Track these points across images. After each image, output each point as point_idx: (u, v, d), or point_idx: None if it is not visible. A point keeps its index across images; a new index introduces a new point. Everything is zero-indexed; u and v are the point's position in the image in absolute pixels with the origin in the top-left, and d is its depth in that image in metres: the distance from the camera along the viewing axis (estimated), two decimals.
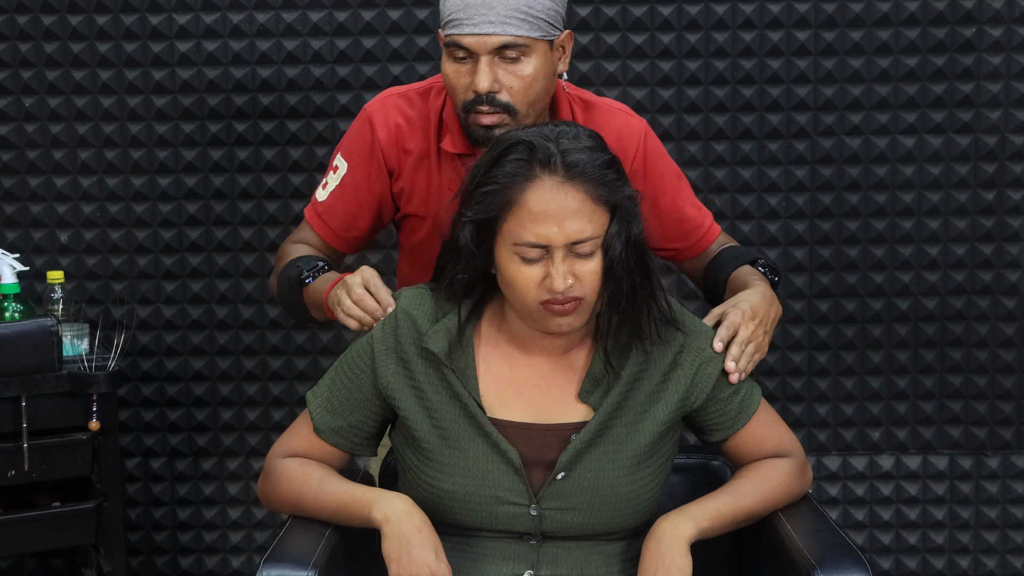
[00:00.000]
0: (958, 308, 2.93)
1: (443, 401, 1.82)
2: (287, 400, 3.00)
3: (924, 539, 3.00)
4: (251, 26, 2.88)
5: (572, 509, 1.80)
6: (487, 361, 1.84)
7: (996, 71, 2.86)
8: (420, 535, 1.75)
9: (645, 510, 1.85)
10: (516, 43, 1.96)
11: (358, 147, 2.16)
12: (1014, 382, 2.96)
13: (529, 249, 1.72)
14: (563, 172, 1.72)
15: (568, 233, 1.71)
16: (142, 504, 3.03)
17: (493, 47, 1.96)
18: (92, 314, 2.92)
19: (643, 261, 1.78)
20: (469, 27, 1.96)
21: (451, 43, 1.99)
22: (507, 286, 1.78)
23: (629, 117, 2.16)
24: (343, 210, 2.18)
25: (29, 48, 2.88)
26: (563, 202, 1.72)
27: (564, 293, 1.72)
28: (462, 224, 1.77)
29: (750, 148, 2.90)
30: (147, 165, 2.93)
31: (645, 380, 1.83)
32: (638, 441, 1.81)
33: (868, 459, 2.99)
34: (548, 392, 1.84)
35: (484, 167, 1.77)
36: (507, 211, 1.73)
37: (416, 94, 2.16)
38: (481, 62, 1.97)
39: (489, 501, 1.80)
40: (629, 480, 1.81)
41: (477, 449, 1.80)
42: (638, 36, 2.86)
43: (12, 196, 2.93)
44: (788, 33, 2.86)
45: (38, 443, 2.49)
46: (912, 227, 2.91)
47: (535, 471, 1.81)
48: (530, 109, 2.01)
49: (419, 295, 1.87)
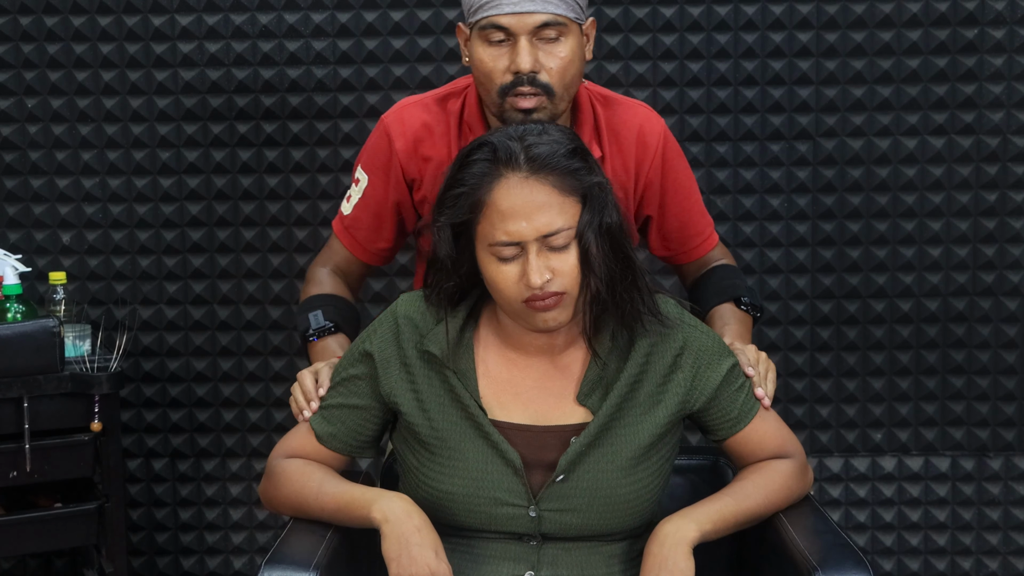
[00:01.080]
0: (960, 309, 2.93)
1: (444, 403, 1.82)
2: (288, 402, 2.99)
3: (926, 541, 3.00)
4: (253, 27, 2.88)
5: (571, 511, 1.80)
6: (485, 363, 1.84)
7: (998, 72, 2.86)
8: (420, 534, 1.75)
9: (644, 511, 1.84)
10: (556, 21, 1.95)
11: (376, 159, 2.16)
12: (1016, 383, 2.96)
13: (503, 248, 1.73)
14: (527, 167, 1.73)
15: (538, 227, 1.72)
16: (144, 505, 3.03)
17: (533, 26, 1.95)
18: (94, 315, 2.92)
19: (621, 249, 1.77)
20: (509, 6, 1.94)
21: (488, 25, 1.96)
22: (491, 287, 1.78)
23: (651, 113, 2.16)
24: (367, 223, 2.19)
25: (32, 49, 2.88)
26: (529, 196, 1.72)
27: (543, 288, 1.73)
28: (438, 230, 1.78)
29: (752, 149, 2.90)
30: (149, 166, 2.93)
31: (645, 382, 1.83)
32: (636, 443, 1.81)
33: (870, 460, 2.99)
34: (547, 394, 1.84)
35: (451, 171, 1.78)
36: (478, 212, 1.74)
37: (433, 100, 2.15)
38: (521, 41, 1.95)
39: (488, 502, 1.80)
40: (627, 481, 1.81)
41: (477, 450, 1.80)
42: (640, 37, 2.86)
43: (15, 197, 2.93)
44: (790, 35, 2.86)
45: (40, 444, 2.49)
46: (914, 228, 2.91)
47: (534, 472, 1.81)
48: (565, 92, 2.00)
49: (418, 299, 1.87)
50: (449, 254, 1.78)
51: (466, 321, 1.85)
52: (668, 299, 1.87)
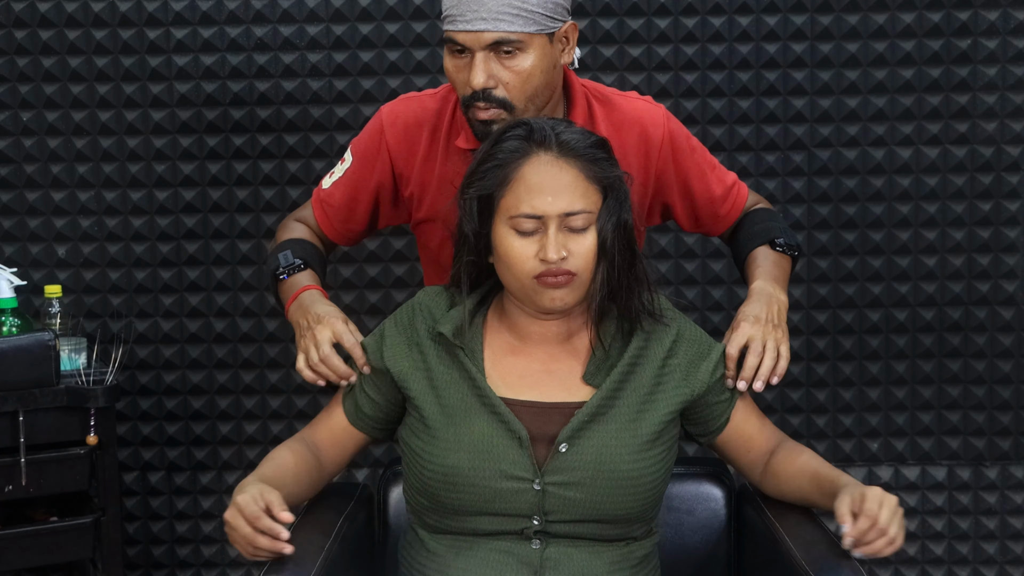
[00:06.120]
0: (956, 319, 2.94)
1: (452, 379, 1.88)
2: (285, 413, 3.00)
3: (923, 550, 3.00)
4: (249, 40, 2.88)
5: (575, 484, 1.82)
6: (492, 348, 1.91)
7: (992, 82, 2.86)
8: (251, 486, 1.80)
9: (648, 497, 1.86)
10: (509, 39, 1.96)
11: (366, 145, 2.19)
12: (1012, 393, 2.96)
13: (525, 220, 1.80)
14: (557, 149, 1.81)
15: (562, 205, 1.79)
16: (140, 518, 3.03)
17: (486, 43, 1.96)
18: (90, 328, 2.92)
19: (631, 247, 1.86)
20: (463, 23, 1.96)
21: (448, 39, 1.99)
22: (502, 263, 1.84)
23: (649, 104, 2.17)
24: (341, 202, 2.21)
25: (27, 62, 2.89)
26: (558, 175, 1.80)
27: (558, 264, 1.79)
28: (465, 203, 1.85)
29: (747, 160, 2.90)
30: (145, 179, 2.93)
31: (645, 363, 1.88)
32: (647, 421, 1.86)
33: (867, 470, 2.99)
34: (552, 376, 1.89)
35: (484, 148, 1.86)
36: (505, 186, 1.81)
37: (429, 96, 2.18)
38: (476, 58, 1.97)
39: (494, 476, 1.82)
40: (630, 458, 1.84)
41: (484, 424, 1.84)
42: (635, 48, 2.87)
43: (10, 210, 2.93)
44: (784, 45, 2.87)
45: (36, 458, 2.49)
46: (909, 238, 2.92)
47: (539, 446, 1.84)
48: (528, 103, 2.00)
49: (437, 291, 1.96)
50: (473, 228, 1.85)
51: (477, 308, 1.92)
52: (662, 297, 1.94)
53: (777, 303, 2.02)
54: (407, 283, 2.95)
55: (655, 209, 2.22)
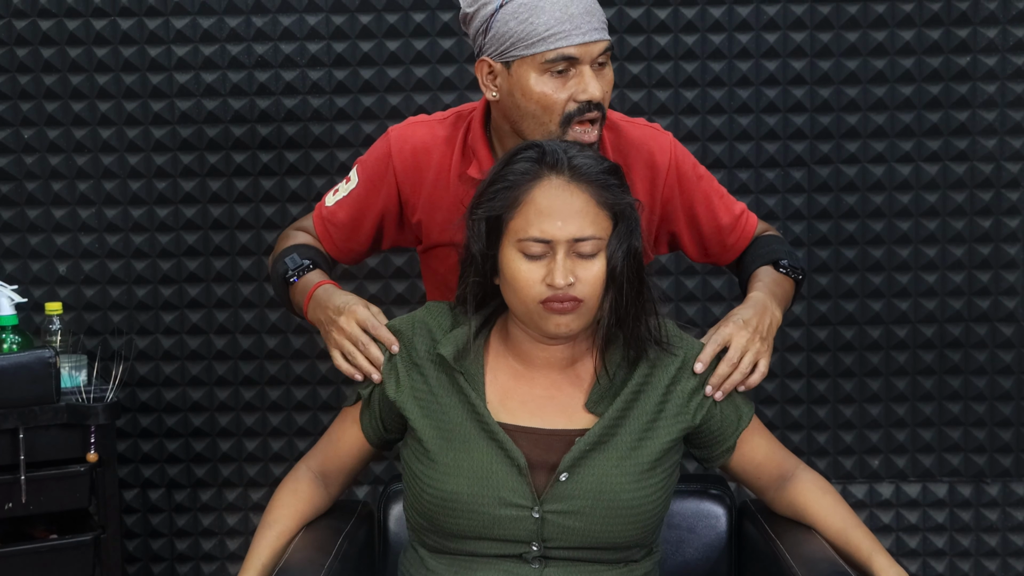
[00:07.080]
0: (956, 336, 2.94)
1: (452, 404, 1.86)
2: (285, 430, 2.99)
3: (925, 568, 2.99)
4: (249, 57, 2.89)
5: (574, 513, 1.81)
6: (494, 371, 1.89)
7: (991, 100, 2.87)
8: None
9: (646, 524, 1.85)
10: (610, 47, 2.01)
11: (372, 168, 2.17)
12: (1013, 409, 2.96)
13: (533, 244, 1.78)
14: (569, 173, 1.80)
15: (571, 230, 1.77)
16: (140, 535, 3.02)
17: (597, 53, 1.99)
18: (90, 345, 2.92)
19: (640, 275, 1.84)
20: (578, 36, 1.97)
21: (557, 57, 1.97)
22: (509, 287, 1.82)
23: (656, 131, 2.17)
24: (344, 222, 2.20)
25: (28, 80, 2.89)
26: (568, 200, 1.78)
27: (564, 290, 1.77)
28: (474, 224, 1.83)
29: (747, 177, 2.91)
30: (146, 196, 2.93)
31: (649, 391, 1.86)
32: (641, 448, 1.84)
33: (868, 487, 2.99)
34: (554, 403, 1.87)
35: (495, 168, 1.85)
36: (514, 208, 1.80)
37: (439, 123, 2.17)
38: (587, 70, 1.98)
39: (492, 503, 1.81)
40: (631, 487, 1.82)
41: (482, 450, 1.83)
42: (635, 66, 2.88)
43: (10, 227, 2.93)
44: (784, 62, 2.87)
45: (36, 475, 2.48)
46: (909, 255, 2.92)
47: (539, 474, 1.83)
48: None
49: (439, 308, 1.94)
50: (481, 248, 1.83)
51: (479, 330, 1.89)
52: (669, 322, 1.91)
53: (770, 316, 2.00)
54: (407, 300, 2.95)
55: (662, 238, 2.21)
